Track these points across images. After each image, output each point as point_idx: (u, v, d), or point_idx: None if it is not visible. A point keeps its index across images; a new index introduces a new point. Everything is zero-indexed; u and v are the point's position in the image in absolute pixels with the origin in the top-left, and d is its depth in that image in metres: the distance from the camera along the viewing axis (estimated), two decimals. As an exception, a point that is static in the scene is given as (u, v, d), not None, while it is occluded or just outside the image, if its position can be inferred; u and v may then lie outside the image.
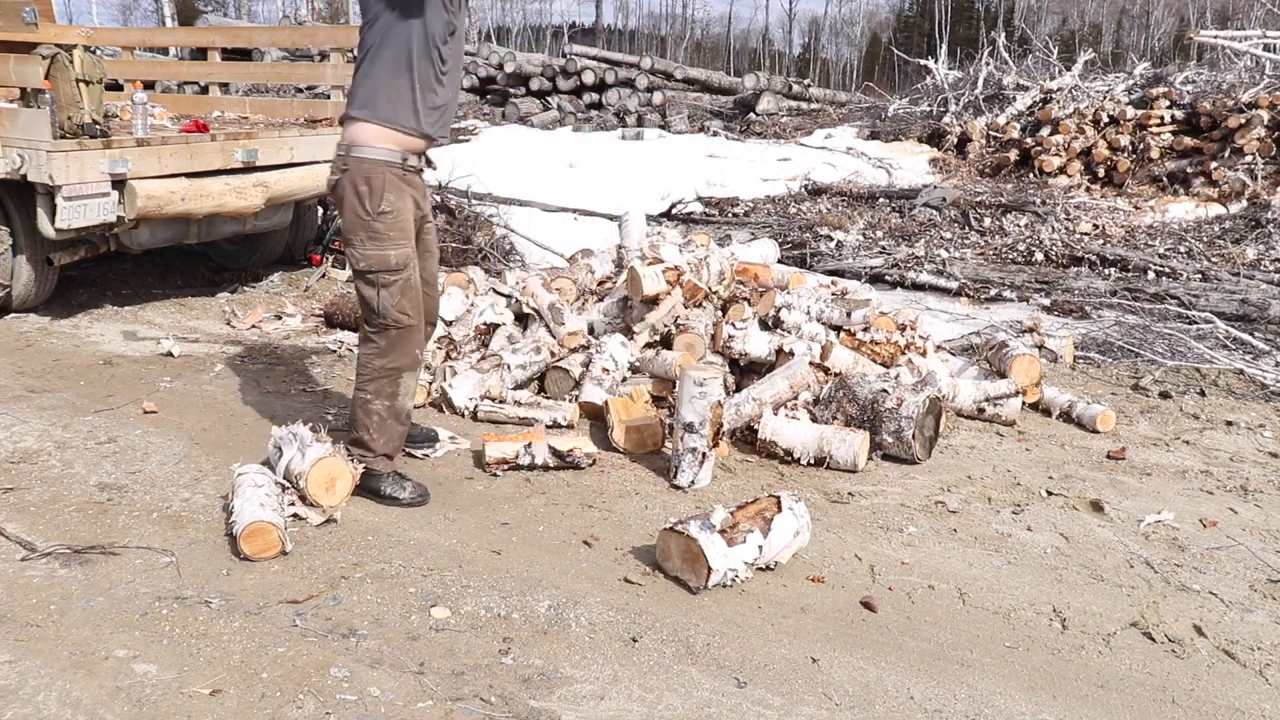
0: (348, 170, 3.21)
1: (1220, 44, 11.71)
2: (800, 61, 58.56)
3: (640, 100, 17.36)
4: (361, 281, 3.26)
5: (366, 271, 3.23)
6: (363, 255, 3.21)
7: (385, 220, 3.19)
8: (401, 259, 3.23)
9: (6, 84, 5.42)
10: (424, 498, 3.36)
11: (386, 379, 3.31)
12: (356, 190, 3.18)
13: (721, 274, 4.81)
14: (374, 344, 3.31)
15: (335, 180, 3.25)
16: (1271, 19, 14.09)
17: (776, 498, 3.04)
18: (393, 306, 3.24)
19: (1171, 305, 6.32)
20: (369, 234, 3.20)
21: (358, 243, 3.21)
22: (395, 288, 3.23)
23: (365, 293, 3.26)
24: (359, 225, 3.19)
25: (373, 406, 3.32)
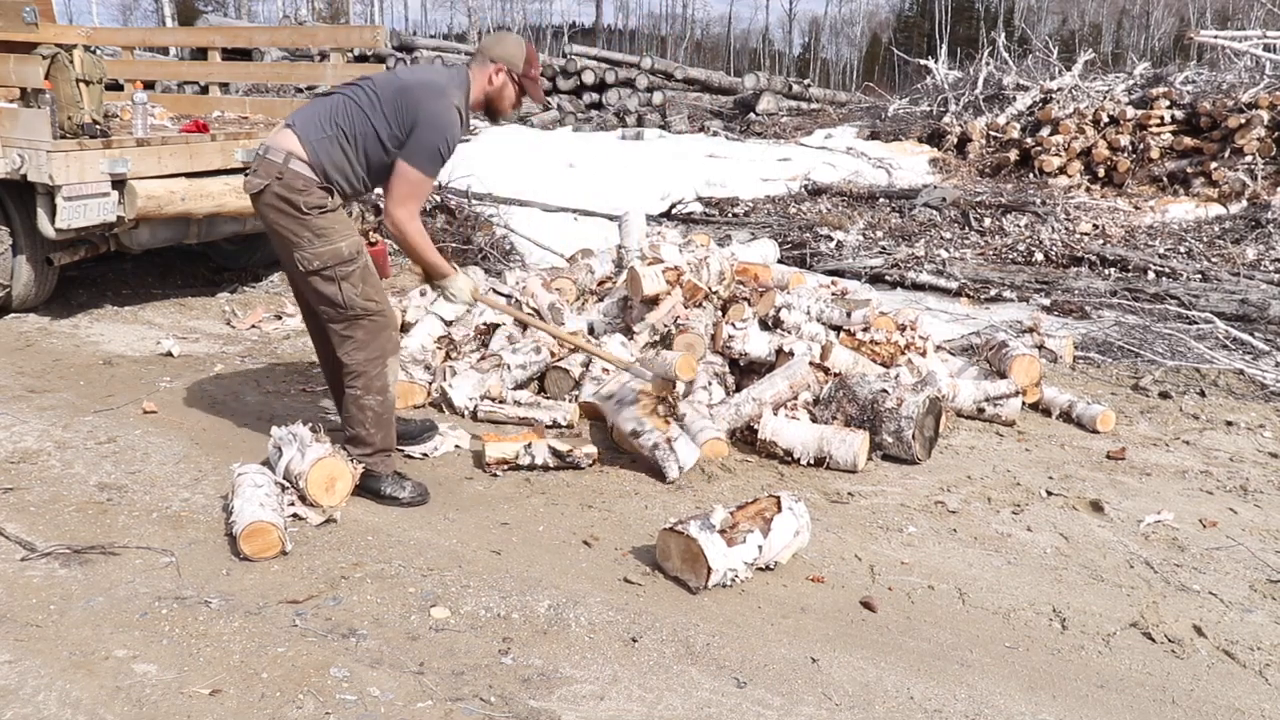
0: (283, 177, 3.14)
1: (1220, 44, 11.71)
2: (800, 61, 58.56)
3: (640, 100, 17.37)
4: (319, 280, 3.21)
5: (321, 270, 3.19)
6: (314, 254, 3.18)
7: (327, 218, 3.18)
8: (352, 248, 3.22)
9: (6, 84, 5.42)
10: (424, 497, 3.36)
11: (373, 371, 3.30)
12: (295, 196, 3.14)
13: (721, 274, 4.81)
14: (351, 340, 3.28)
15: (264, 183, 3.16)
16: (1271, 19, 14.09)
17: (776, 498, 3.04)
18: (358, 295, 3.22)
19: (1171, 305, 6.32)
20: (314, 232, 3.16)
21: (305, 243, 3.17)
22: (355, 277, 3.21)
23: (326, 291, 3.22)
24: (300, 226, 3.16)
25: (365, 401, 3.32)
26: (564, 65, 18.28)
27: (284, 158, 3.14)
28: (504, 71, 3.30)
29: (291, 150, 3.15)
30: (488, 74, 3.29)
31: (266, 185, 3.15)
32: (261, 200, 3.19)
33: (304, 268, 3.20)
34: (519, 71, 3.32)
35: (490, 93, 3.32)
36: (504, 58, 3.29)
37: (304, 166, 3.15)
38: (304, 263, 3.19)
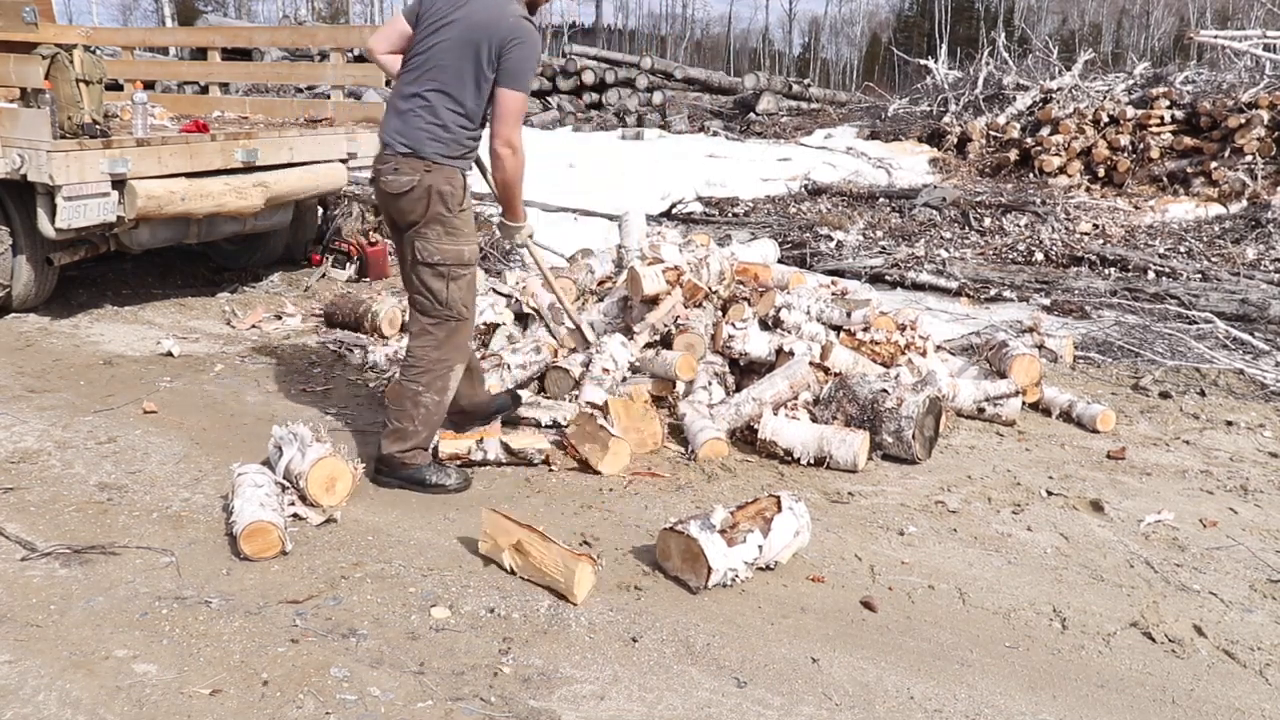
0: (431, 172, 3.29)
1: (1220, 44, 11.72)
2: (800, 61, 58.55)
3: (640, 100, 17.37)
4: (429, 273, 3.34)
5: (440, 264, 3.33)
6: (437, 249, 3.32)
7: (464, 218, 3.35)
8: (472, 255, 3.43)
9: (6, 84, 5.42)
10: (468, 482, 3.46)
11: (440, 372, 3.42)
12: (440, 189, 3.28)
13: (721, 274, 4.81)
14: (432, 336, 3.41)
15: (414, 181, 3.28)
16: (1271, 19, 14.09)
17: (776, 498, 3.04)
18: (459, 299, 3.39)
19: (1171, 305, 6.31)
20: (447, 229, 3.32)
21: (433, 236, 3.31)
22: (464, 281, 3.39)
23: (433, 285, 3.35)
24: (437, 220, 3.30)
25: (423, 399, 3.41)
26: (564, 65, 18.28)
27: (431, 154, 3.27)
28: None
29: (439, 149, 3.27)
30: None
31: (417, 181, 3.27)
32: (410, 196, 3.29)
33: (421, 258, 3.33)
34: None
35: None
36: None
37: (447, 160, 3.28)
38: (424, 253, 3.32)
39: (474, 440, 3.68)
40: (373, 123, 6.59)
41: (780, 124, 16.07)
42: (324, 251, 6.88)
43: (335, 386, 4.61)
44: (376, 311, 5.38)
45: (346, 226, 6.99)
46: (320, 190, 6.28)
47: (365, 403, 4.39)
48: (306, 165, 6.01)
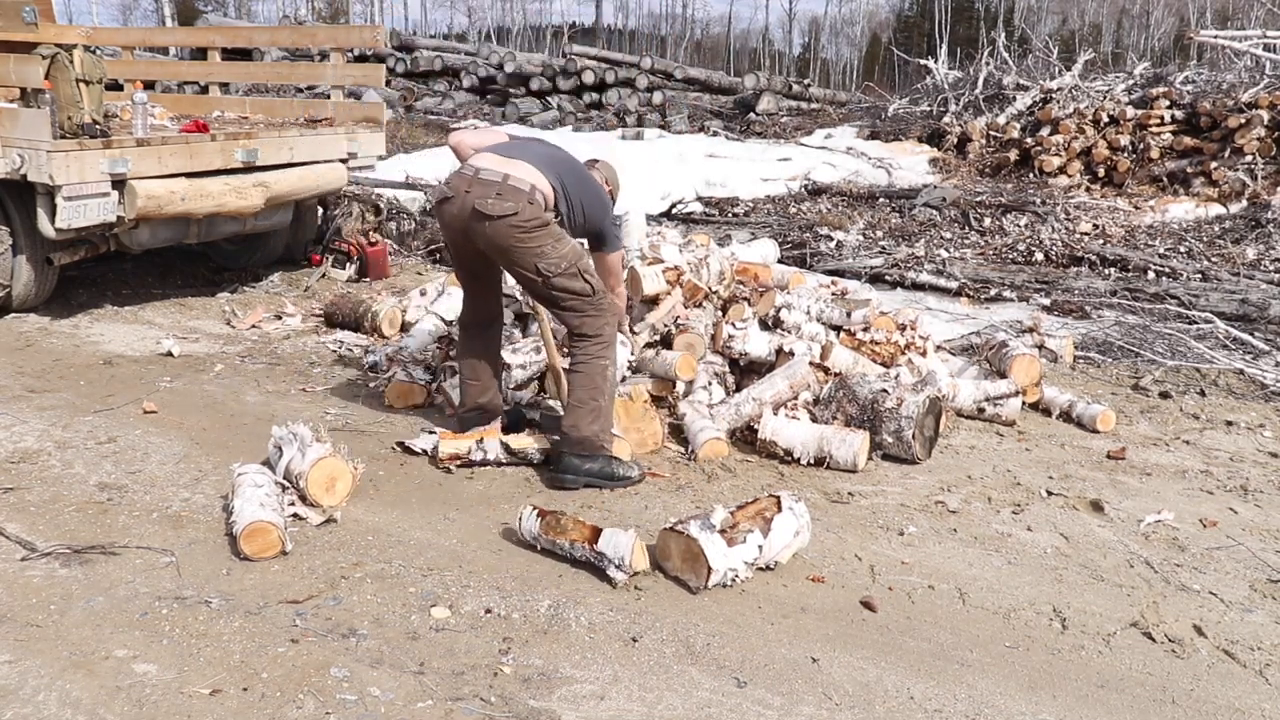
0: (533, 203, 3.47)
1: (1220, 44, 11.72)
2: (800, 61, 58.52)
3: (640, 100, 17.37)
4: (566, 279, 3.50)
5: (568, 269, 3.50)
6: (560, 257, 3.48)
7: (559, 226, 3.56)
8: (580, 244, 3.67)
9: (6, 84, 5.42)
10: (644, 473, 3.62)
11: (615, 341, 3.66)
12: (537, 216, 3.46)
13: (721, 274, 4.81)
14: (599, 315, 3.58)
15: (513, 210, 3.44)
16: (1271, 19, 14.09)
17: (776, 498, 3.04)
18: (596, 280, 3.59)
19: (1171, 305, 6.32)
20: (554, 238, 3.49)
21: (549, 250, 3.47)
22: (589, 265, 3.61)
23: (575, 286, 3.52)
24: (546, 236, 3.47)
25: (610, 372, 3.60)
26: (564, 65, 18.28)
27: (530, 188, 3.46)
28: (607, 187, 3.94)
29: (536, 184, 3.48)
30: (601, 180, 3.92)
31: (518, 209, 3.41)
32: (507, 221, 3.43)
33: (553, 272, 3.49)
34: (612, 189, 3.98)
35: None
36: (612, 180, 3.99)
37: (544, 200, 3.50)
38: (552, 268, 3.49)
39: (474, 440, 3.69)
40: (373, 123, 6.59)
41: (780, 124, 16.07)
42: (324, 251, 6.89)
43: (335, 386, 4.61)
44: (376, 311, 5.38)
45: (346, 226, 6.99)
46: (320, 190, 6.28)
47: (365, 403, 4.39)
48: (306, 165, 6.01)
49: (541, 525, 3.01)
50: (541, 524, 3.01)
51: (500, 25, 57.27)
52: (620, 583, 2.82)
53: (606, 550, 2.85)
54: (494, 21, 57.39)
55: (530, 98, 17.72)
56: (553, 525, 2.99)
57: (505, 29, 56.55)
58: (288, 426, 3.37)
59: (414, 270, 7.12)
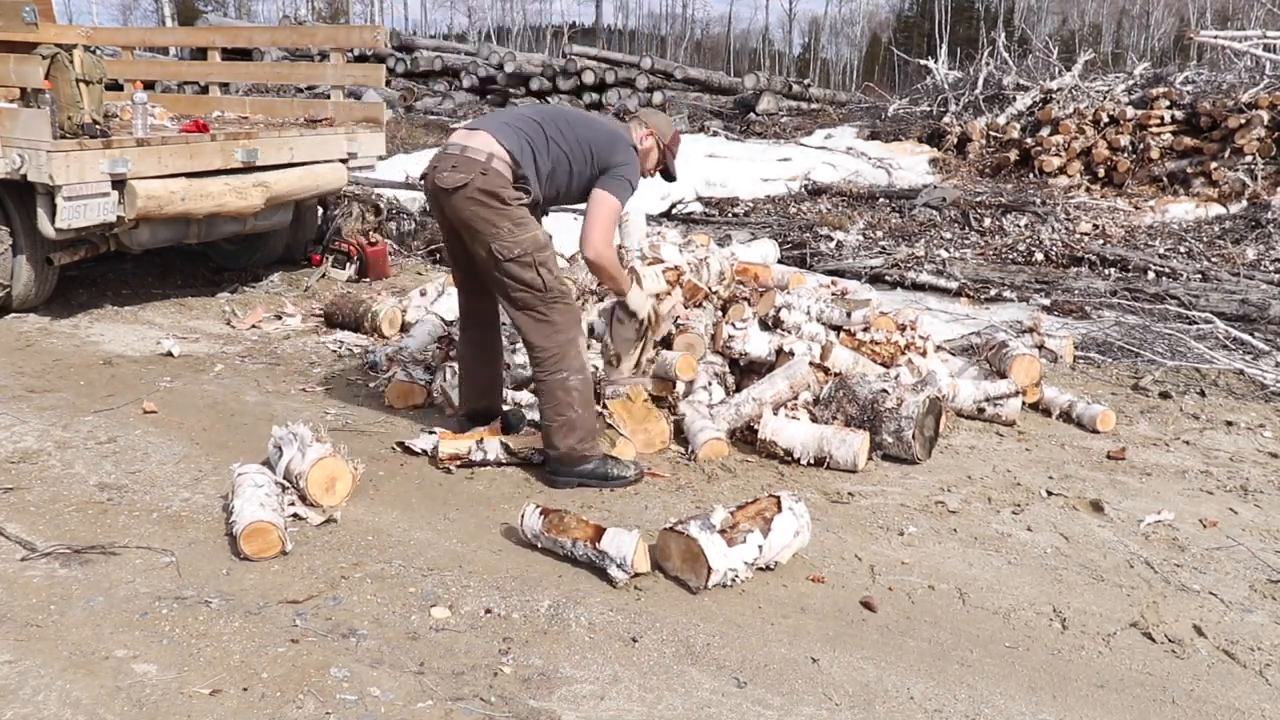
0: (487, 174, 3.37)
1: (1220, 44, 11.72)
2: (800, 61, 58.51)
3: (640, 100, 17.37)
4: (517, 267, 3.39)
5: (522, 256, 3.38)
6: (515, 241, 3.37)
7: (524, 207, 3.42)
8: (545, 235, 3.49)
9: (6, 84, 5.42)
10: (642, 472, 3.55)
11: (572, 351, 3.48)
12: (497, 188, 3.36)
13: (721, 274, 4.81)
14: (550, 323, 3.46)
15: (468, 177, 3.36)
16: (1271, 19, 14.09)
17: (776, 498, 3.04)
18: (554, 278, 3.46)
19: (1171, 305, 6.32)
20: (513, 222, 3.38)
21: (505, 233, 3.36)
22: (550, 261, 3.46)
23: (526, 276, 3.41)
24: (502, 217, 3.36)
25: (571, 383, 3.45)
26: (564, 65, 18.28)
27: (486, 156, 3.36)
28: (653, 136, 3.72)
29: (493, 151, 3.37)
30: (642, 134, 3.70)
31: (470, 180, 3.34)
32: (462, 194, 3.36)
33: (504, 255, 3.38)
34: (665, 142, 3.75)
35: (640, 152, 3.67)
36: (656, 126, 3.74)
37: (504, 166, 3.37)
38: (504, 251, 3.37)
39: (474, 440, 3.69)
40: (373, 123, 6.59)
41: (780, 124, 16.07)
42: (324, 251, 6.89)
43: (335, 386, 4.61)
44: (376, 311, 5.38)
45: (346, 226, 6.99)
46: (320, 190, 6.28)
47: (365, 403, 4.39)
48: (306, 165, 6.01)
49: (544, 523, 3.01)
50: (544, 522, 3.01)
51: (500, 25, 57.27)
52: (621, 582, 2.82)
53: (609, 549, 2.85)
54: (494, 21, 57.39)
55: (530, 98, 17.71)
56: (555, 523, 2.99)
57: (505, 29, 56.55)
58: (288, 426, 3.37)
59: (414, 270, 7.12)
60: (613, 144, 3.53)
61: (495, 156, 3.36)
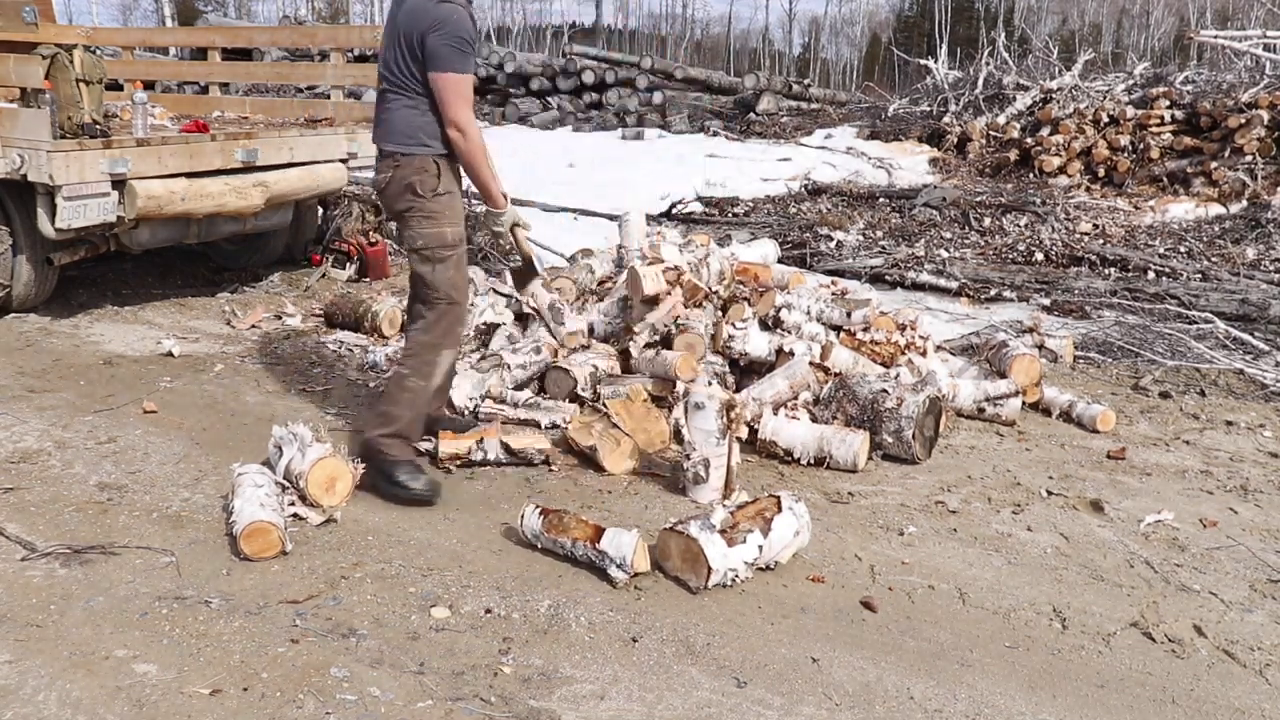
0: (400, 166, 3.37)
1: (1220, 44, 11.72)
2: (800, 61, 58.50)
3: (640, 100, 17.36)
4: (417, 259, 3.43)
5: (424, 249, 3.40)
6: (419, 234, 3.40)
7: (440, 201, 3.39)
8: (456, 236, 3.45)
9: (6, 84, 5.42)
10: (435, 494, 3.39)
11: (427, 357, 3.45)
12: (410, 179, 3.36)
13: (721, 274, 4.81)
14: (424, 320, 3.46)
15: (389, 174, 3.39)
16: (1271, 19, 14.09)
17: (776, 498, 3.04)
18: (447, 281, 3.43)
19: (1171, 305, 6.31)
20: (424, 215, 3.38)
21: (414, 223, 3.40)
22: (450, 263, 3.43)
23: (421, 269, 3.43)
24: (414, 208, 3.37)
25: (408, 382, 3.44)
26: (564, 65, 18.28)
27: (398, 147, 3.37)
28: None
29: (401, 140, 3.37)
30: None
31: (391, 175, 3.37)
32: (388, 191, 3.42)
33: (409, 245, 3.43)
34: None
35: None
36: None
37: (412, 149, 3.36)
38: (409, 240, 3.42)
39: (474, 440, 3.69)
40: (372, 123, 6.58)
41: (780, 124, 16.06)
42: (324, 251, 6.88)
43: (335, 386, 4.61)
44: (376, 311, 5.38)
45: (346, 226, 6.99)
46: (320, 190, 6.28)
47: (365, 403, 4.39)
48: (306, 165, 6.01)
49: (544, 523, 3.01)
50: (544, 522, 3.01)
51: (500, 25, 57.23)
52: (621, 582, 2.82)
53: (609, 549, 2.85)
54: (494, 21, 57.34)
55: (530, 98, 17.71)
56: (555, 523, 2.99)
57: (505, 29, 56.53)
58: (288, 426, 3.37)
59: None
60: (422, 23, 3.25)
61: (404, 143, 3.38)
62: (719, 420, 3.35)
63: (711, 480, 3.42)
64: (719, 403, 3.35)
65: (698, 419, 3.39)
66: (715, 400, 3.36)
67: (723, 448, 3.39)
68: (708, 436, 3.39)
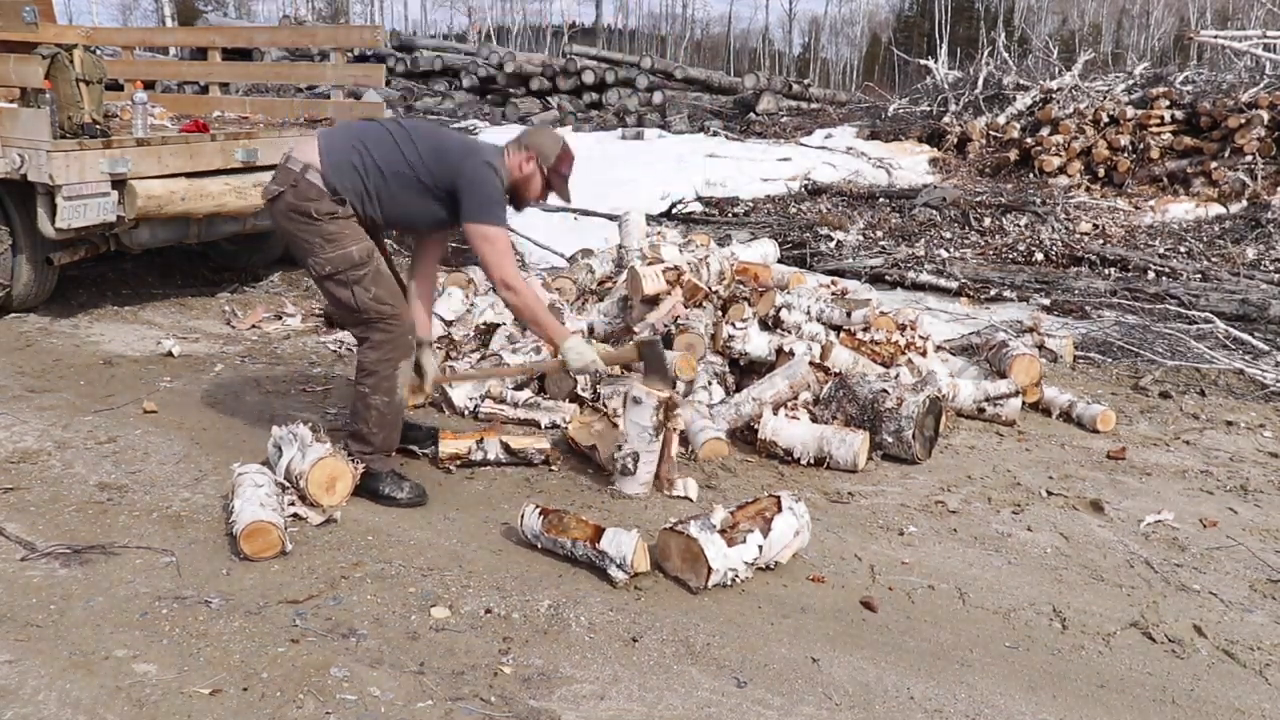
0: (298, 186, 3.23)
1: (1220, 44, 11.71)
2: (800, 61, 58.48)
3: (640, 100, 17.37)
4: (333, 285, 3.27)
5: (334, 274, 3.25)
6: (325, 260, 3.24)
7: (337, 223, 3.24)
8: (363, 252, 3.27)
9: (6, 84, 5.42)
10: (422, 498, 3.36)
11: (384, 371, 3.34)
12: (308, 204, 3.22)
13: (721, 274, 4.81)
14: (366, 340, 3.36)
15: (277, 192, 3.26)
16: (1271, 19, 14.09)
17: (776, 498, 3.04)
18: (370, 299, 3.28)
19: (1171, 305, 6.31)
20: (324, 238, 3.22)
21: (316, 249, 3.24)
22: (367, 280, 3.27)
23: (339, 294, 3.29)
24: (312, 233, 3.23)
25: (372, 401, 3.36)
26: (564, 65, 18.28)
27: (301, 168, 3.22)
28: (534, 160, 3.36)
29: (309, 162, 3.23)
30: (520, 159, 3.36)
31: (281, 193, 3.24)
32: (276, 206, 3.28)
33: (316, 272, 3.28)
34: (549, 165, 3.37)
35: (518, 178, 3.38)
36: (537, 148, 3.36)
37: (318, 177, 3.21)
38: (316, 268, 3.26)
39: (474, 440, 3.69)
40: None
41: (780, 124, 16.05)
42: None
43: (335, 386, 4.61)
44: (376, 311, 5.37)
45: (346, 226, 6.98)
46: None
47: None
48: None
49: (544, 524, 3.01)
50: (544, 522, 3.01)
51: (500, 25, 57.21)
52: (621, 582, 2.82)
53: (609, 549, 2.85)
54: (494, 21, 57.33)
55: (530, 98, 17.71)
56: (555, 524, 2.99)
57: (505, 29, 56.50)
58: (288, 426, 3.37)
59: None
60: (461, 161, 3.25)
61: (310, 168, 3.21)
62: (654, 417, 3.37)
63: (639, 474, 3.45)
64: (657, 400, 3.37)
65: (634, 413, 3.41)
66: (653, 398, 3.37)
67: (655, 445, 3.42)
68: (641, 431, 3.40)
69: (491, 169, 3.26)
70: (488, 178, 3.24)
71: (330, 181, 3.21)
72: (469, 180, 3.22)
